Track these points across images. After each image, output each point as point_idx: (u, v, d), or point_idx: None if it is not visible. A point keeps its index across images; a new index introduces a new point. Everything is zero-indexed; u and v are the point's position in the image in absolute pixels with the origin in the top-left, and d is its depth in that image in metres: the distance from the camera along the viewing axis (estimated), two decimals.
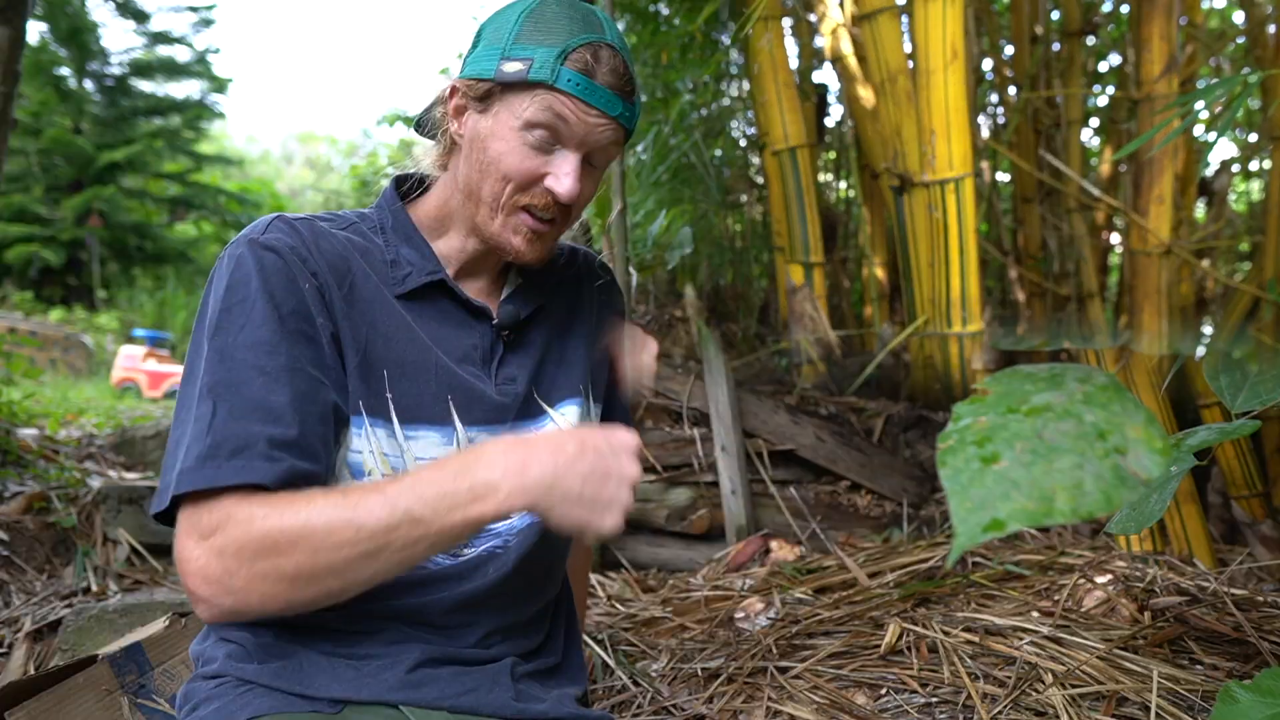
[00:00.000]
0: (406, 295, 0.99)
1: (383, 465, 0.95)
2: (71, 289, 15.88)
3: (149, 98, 17.35)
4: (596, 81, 0.94)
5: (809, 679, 1.34)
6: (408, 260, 1.01)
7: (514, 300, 1.07)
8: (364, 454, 0.94)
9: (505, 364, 1.05)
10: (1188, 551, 1.80)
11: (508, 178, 0.96)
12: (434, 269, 1.01)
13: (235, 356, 0.86)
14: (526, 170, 0.95)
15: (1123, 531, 1.01)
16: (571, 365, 1.11)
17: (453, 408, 0.98)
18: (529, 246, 0.99)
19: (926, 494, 2.60)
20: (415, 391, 0.96)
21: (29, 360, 3.67)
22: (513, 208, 0.97)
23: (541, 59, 0.93)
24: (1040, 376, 0.58)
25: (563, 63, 0.93)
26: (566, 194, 0.95)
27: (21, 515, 2.38)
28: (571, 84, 0.93)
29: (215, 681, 0.93)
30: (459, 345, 1.01)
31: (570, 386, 1.10)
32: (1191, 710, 1.12)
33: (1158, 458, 0.50)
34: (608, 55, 0.95)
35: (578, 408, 1.09)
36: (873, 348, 3.16)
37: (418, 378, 0.97)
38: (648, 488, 2.43)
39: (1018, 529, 0.48)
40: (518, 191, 0.97)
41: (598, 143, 0.96)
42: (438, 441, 0.98)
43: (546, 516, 0.82)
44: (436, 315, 1.01)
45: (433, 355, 0.98)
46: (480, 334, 1.03)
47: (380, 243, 1.01)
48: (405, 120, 4.41)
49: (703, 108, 4.16)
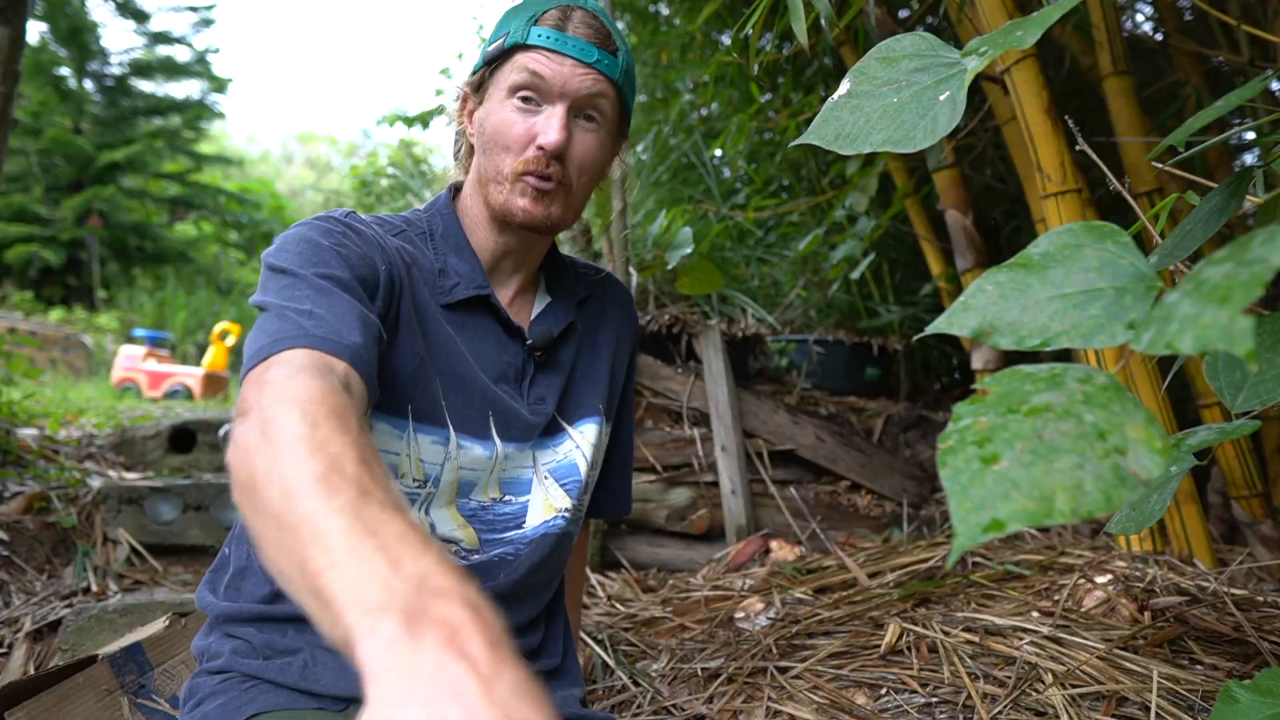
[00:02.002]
0: (450, 306, 1.00)
1: (417, 471, 0.96)
2: (71, 289, 15.87)
3: (149, 98, 17.34)
4: (567, 33, 0.96)
5: (809, 679, 1.34)
6: (456, 271, 1.01)
7: (545, 319, 1.08)
8: (400, 456, 0.95)
9: (536, 384, 1.06)
10: (1188, 551, 1.80)
11: (506, 147, 0.98)
12: (481, 283, 1.02)
13: (297, 276, 0.84)
14: (518, 134, 0.97)
15: (1123, 531, 1.01)
16: (593, 384, 1.12)
17: (493, 424, 1.00)
18: (534, 205, 0.99)
19: (926, 494, 2.60)
20: (464, 403, 0.98)
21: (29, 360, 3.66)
22: (515, 176, 0.98)
23: (515, 27, 0.97)
24: (1040, 376, 0.58)
25: (534, 23, 0.96)
26: (551, 143, 0.96)
27: (21, 515, 2.38)
28: (541, 37, 0.95)
29: (220, 677, 0.93)
30: (496, 363, 1.02)
31: (590, 405, 1.11)
32: (1191, 710, 1.12)
33: (1158, 458, 0.50)
34: (581, 14, 0.98)
35: (596, 426, 1.11)
36: None
37: (464, 390, 0.98)
38: (648, 488, 2.43)
39: (1018, 529, 0.48)
40: (515, 158, 0.98)
41: (579, 91, 0.97)
42: (481, 455, 0.99)
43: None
44: (478, 329, 1.02)
45: (475, 370, 0.99)
46: (514, 353, 1.04)
47: (429, 250, 1.02)
48: (405, 120, 4.41)
49: (702, 107, 4.16)
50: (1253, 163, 1.92)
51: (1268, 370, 0.91)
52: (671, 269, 2.72)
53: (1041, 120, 1.79)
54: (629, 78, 1.02)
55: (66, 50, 15.86)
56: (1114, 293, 0.61)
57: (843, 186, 3.31)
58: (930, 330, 0.69)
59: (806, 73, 3.37)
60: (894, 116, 0.76)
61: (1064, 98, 2.95)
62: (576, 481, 1.08)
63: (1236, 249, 0.50)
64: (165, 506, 2.38)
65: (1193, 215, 0.94)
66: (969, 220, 2.59)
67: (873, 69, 0.80)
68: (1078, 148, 1.05)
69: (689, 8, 3.74)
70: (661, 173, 4.19)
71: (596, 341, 1.14)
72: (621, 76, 1.00)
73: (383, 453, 0.94)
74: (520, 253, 1.06)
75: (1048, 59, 2.79)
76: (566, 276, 1.14)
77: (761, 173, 3.85)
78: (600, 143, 1.01)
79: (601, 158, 1.03)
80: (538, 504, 1.05)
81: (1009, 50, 0.90)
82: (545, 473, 1.06)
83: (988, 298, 0.66)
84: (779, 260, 3.88)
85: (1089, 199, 1.82)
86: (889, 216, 3.12)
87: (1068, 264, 0.65)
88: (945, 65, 0.77)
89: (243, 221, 18.71)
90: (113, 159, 15.81)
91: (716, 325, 2.60)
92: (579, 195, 1.02)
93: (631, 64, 1.03)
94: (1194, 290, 0.50)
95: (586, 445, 1.10)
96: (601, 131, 1.01)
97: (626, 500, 1.29)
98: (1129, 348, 0.56)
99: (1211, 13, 1.70)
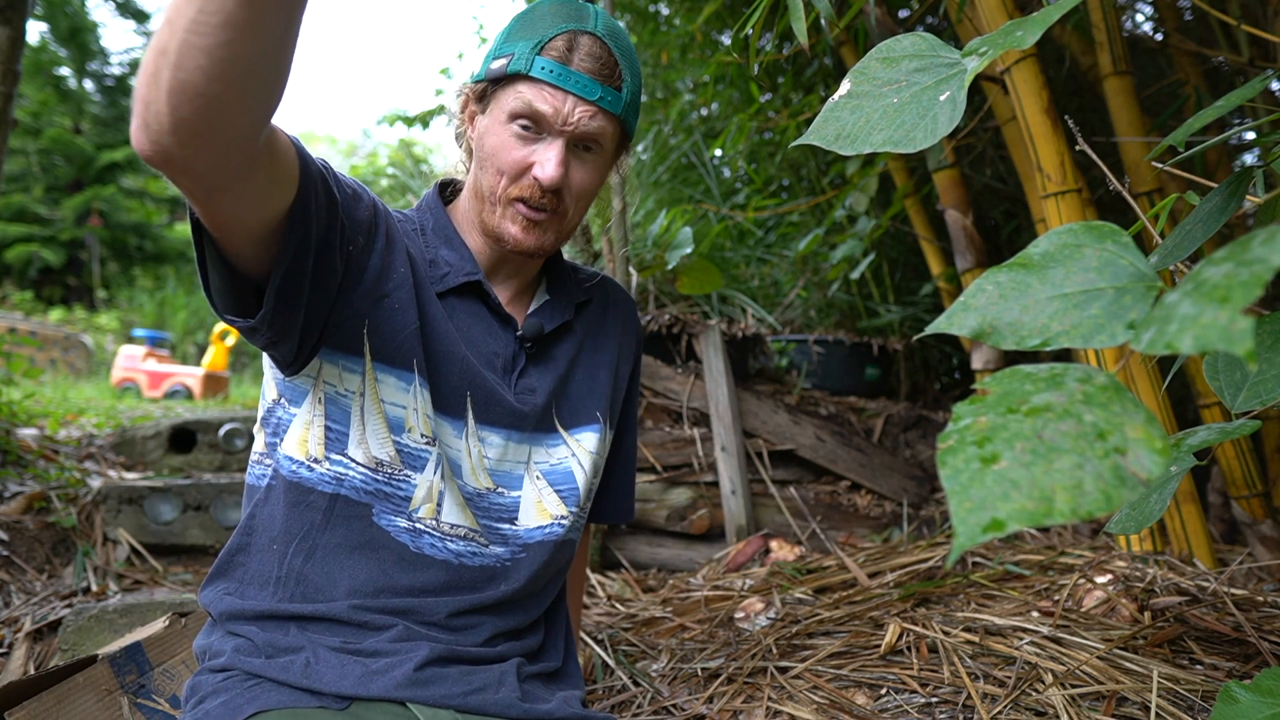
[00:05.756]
0: (443, 294, 1.02)
1: (424, 426, 0.97)
2: (71, 289, 15.88)
3: None
4: (572, 67, 0.95)
5: (809, 679, 1.34)
6: (446, 261, 1.03)
7: (540, 314, 1.09)
8: (408, 411, 0.97)
9: (526, 375, 1.07)
10: (1188, 551, 1.80)
11: (501, 170, 0.98)
12: (471, 270, 1.03)
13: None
14: (514, 161, 0.97)
15: (1123, 531, 1.01)
16: (593, 392, 1.13)
17: (469, 403, 1.01)
18: (525, 234, 1.00)
19: (926, 494, 2.60)
20: (438, 382, 0.99)
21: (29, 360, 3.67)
22: (508, 200, 0.99)
23: (520, 51, 0.96)
24: (1040, 376, 0.58)
25: (538, 52, 0.95)
26: (548, 179, 0.96)
27: (21, 515, 2.38)
28: (544, 71, 0.95)
29: (223, 675, 0.94)
30: (486, 349, 1.04)
31: (589, 413, 1.12)
32: (1191, 710, 1.12)
33: (1158, 458, 0.50)
34: (587, 42, 0.97)
35: (596, 435, 1.12)
36: None
37: (442, 368, 0.99)
38: (648, 488, 2.43)
39: (1018, 529, 0.48)
40: (510, 184, 0.99)
41: (579, 127, 0.97)
42: (450, 432, 1.00)
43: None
44: (469, 315, 1.04)
45: (460, 350, 1.00)
46: (504, 342, 1.05)
47: (420, 244, 1.04)
48: (405, 120, 4.41)
49: (702, 107, 4.16)
50: (1253, 163, 1.92)
51: (1268, 370, 0.91)
52: (671, 269, 2.72)
53: (1041, 120, 1.79)
54: (633, 108, 1.02)
55: (66, 50, 15.86)
56: (1114, 293, 0.61)
57: (843, 186, 3.31)
58: (930, 330, 0.69)
59: (806, 73, 3.37)
60: (894, 117, 0.76)
61: (1064, 98, 2.95)
62: (573, 490, 1.09)
63: (1236, 249, 0.50)
64: (165, 506, 2.38)
65: (1193, 215, 0.94)
66: (969, 220, 2.59)
67: (873, 69, 0.80)
68: (1078, 148, 1.05)
69: (689, 8, 3.74)
70: (661, 173, 4.19)
71: (597, 347, 1.15)
72: (625, 110, 1.00)
73: (390, 405, 0.96)
74: (515, 264, 1.08)
75: (1048, 59, 2.79)
76: (568, 281, 1.15)
77: (761, 173, 3.85)
78: (598, 170, 1.03)
79: (598, 182, 1.04)
80: (530, 503, 1.06)
81: (1009, 50, 0.90)
82: (539, 473, 1.07)
83: (988, 298, 0.66)
84: (779, 260, 3.88)
85: (1089, 199, 1.82)
86: (889, 216, 3.12)
87: (1068, 264, 0.65)
88: (945, 65, 0.77)
89: None
90: (113, 159, 15.81)
91: (716, 325, 2.60)
92: (574, 220, 1.04)
93: (638, 87, 1.03)
94: (1194, 290, 0.50)
95: (585, 454, 1.10)
96: (600, 160, 1.02)
97: (629, 506, 1.29)
98: (1129, 348, 0.56)
99: (1211, 13, 1.70)
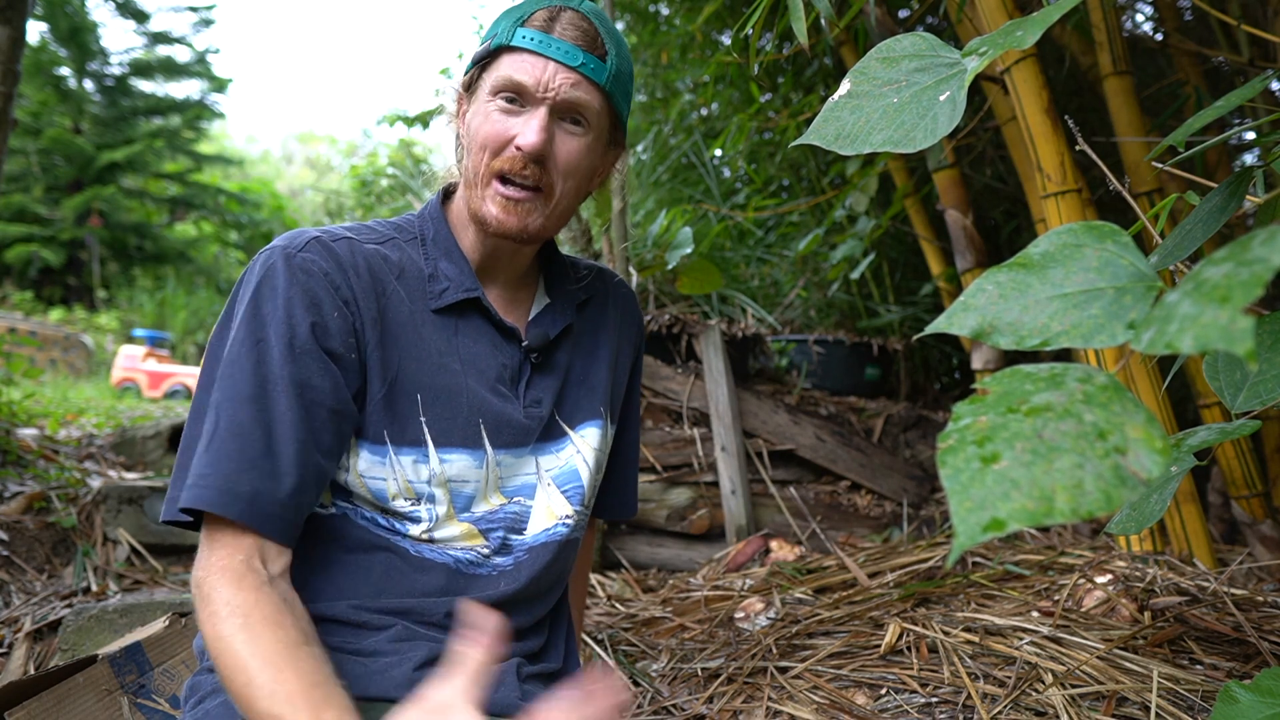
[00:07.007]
0: (442, 310, 1.00)
1: (407, 492, 0.96)
2: (71, 289, 15.88)
3: (149, 98, 17.35)
4: (553, 34, 0.95)
5: (809, 679, 1.34)
6: (446, 275, 1.01)
7: (542, 321, 1.07)
8: (388, 481, 0.95)
9: (533, 386, 1.05)
10: (1188, 551, 1.80)
11: (484, 146, 0.97)
12: (471, 286, 1.01)
13: (253, 374, 0.87)
14: (497, 133, 0.96)
15: (1123, 531, 1.01)
16: (593, 387, 1.11)
17: (483, 431, 0.99)
18: (506, 214, 0.97)
19: (926, 494, 2.60)
20: (448, 415, 0.97)
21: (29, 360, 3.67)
22: (489, 176, 0.97)
23: (503, 28, 0.97)
24: (1040, 376, 0.58)
25: (520, 24, 0.96)
26: (529, 145, 0.94)
27: (21, 515, 2.38)
28: (525, 39, 0.95)
29: None
30: (490, 365, 1.01)
31: (591, 408, 1.10)
32: (1191, 710, 1.12)
33: (1158, 457, 0.50)
34: (569, 15, 0.97)
35: (598, 430, 1.10)
36: None
37: (450, 402, 0.97)
38: (648, 488, 2.43)
39: (1018, 529, 0.48)
40: (493, 158, 0.97)
41: (560, 93, 0.95)
42: (470, 464, 0.99)
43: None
44: (470, 332, 1.01)
45: (464, 379, 0.98)
46: (509, 355, 1.03)
47: (419, 255, 1.02)
48: (405, 120, 4.41)
49: (702, 107, 4.16)
50: (1253, 163, 1.92)
51: (1268, 370, 0.91)
52: (671, 269, 2.72)
53: (1041, 120, 1.79)
54: (620, 82, 1.00)
55: (66, 50, 15.87)
56: (1114, 293, 0.61)
57: (843, 186, 3.31)
58: (930, 330, 0.69)
59: (806, 73, 3.37)
60: (894, 117, 0.76)
61: (1064, 98, 2.95)
62: (578, 488, 1.08)
63: (1236, 249, 0.50)
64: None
65: (1193, 215, 0.94)
66: (969, 220, 2.59)
67: (873, 69, 0.80)
68: (1078, 148, 1.05)
69: (689, 8, 3.74)
70: (661, 173, 4.19)
71: (596, 343, 1.14)
72: (610, 81, 0.98)
73: (371, 479, 0.95)
74: (507, 256, 1.05)
75: (1048, 59, 2.79)
76: (566, 278, 1.13)
77: (761, 173, 3.85)
78: (586, 147, 1.00)
79: (588, 163, 1.01)
80: (540, 509, 1.05)
81: (1009, 50, 0.90)
82: (549, 479, 1.06)
83: (988, 298, 0.66)
84: (779, 260, 3.88)
85: (1089, 199, 1.82)
86: (889, 216, 3.12)
87: (1068, 264, 0.65)
88: (945, 65, 0.77)
89: (243, 221, 18.71)
90: (113, 159, 15.82)
91: (716, 325, 2.60)
92: (563, 202, 1.00)
93: (625, 68, 1.01)
94: (1194, 290, 0.50)
95: (588, 450, 1.09)
96: (588, 137, 0.99)
97: (632, 501, 1.28)
98: (1129, 348, 0.56)
99: (1211, 13, 1.70)
